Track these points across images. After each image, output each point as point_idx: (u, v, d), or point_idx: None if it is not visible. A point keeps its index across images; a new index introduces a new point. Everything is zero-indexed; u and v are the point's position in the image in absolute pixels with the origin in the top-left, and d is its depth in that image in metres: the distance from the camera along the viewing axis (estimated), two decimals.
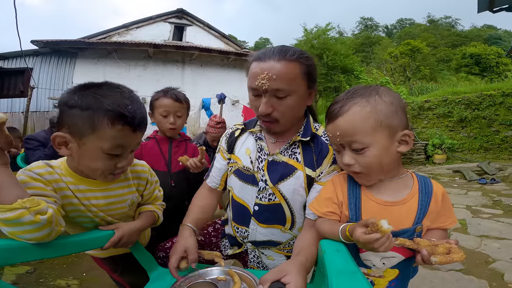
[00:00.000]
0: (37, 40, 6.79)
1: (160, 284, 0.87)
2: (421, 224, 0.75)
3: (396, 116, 0.73)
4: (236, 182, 1.05)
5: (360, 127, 0.71)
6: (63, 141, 0.73)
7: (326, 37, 19.29)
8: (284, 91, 0.87)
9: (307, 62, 0.90)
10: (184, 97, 1.47)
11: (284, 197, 0.97)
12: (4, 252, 0.64)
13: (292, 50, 0.90)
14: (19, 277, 1.98)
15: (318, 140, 1.00)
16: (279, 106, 0.90)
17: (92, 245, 0.84)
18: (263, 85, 0.87)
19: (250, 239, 1.04)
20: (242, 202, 1.04)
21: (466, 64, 23.96)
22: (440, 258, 0.64)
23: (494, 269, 2.04)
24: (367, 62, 31.09)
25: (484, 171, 5.85)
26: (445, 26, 46.50)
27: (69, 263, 2.22)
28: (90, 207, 0.82)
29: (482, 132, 8.36)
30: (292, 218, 0.99)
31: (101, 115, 0.70)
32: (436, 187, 0.78)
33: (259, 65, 0.88)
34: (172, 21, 9.87)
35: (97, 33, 9.05)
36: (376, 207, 0.78)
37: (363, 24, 55.82)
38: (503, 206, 3.70)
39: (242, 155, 1.06)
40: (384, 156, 0.73)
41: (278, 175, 0.97)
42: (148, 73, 7.85)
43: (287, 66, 0.86)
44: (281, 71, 0.85)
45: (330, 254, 0.71)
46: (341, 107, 0.74)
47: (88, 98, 0.71)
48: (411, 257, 0.78)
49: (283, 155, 0.99)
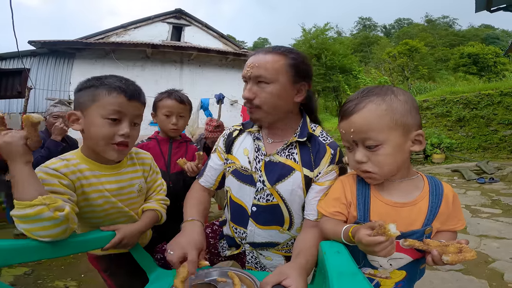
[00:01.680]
0: (34, 40, 6.76)
1: (159, 286, 0.87)
2: (431, 226, 0.74)
3: (410, 115, 0.73)
4: (234, 183, 1.05)
5: (375, 124, 0.71)
6: (75, 118, 0.85)
7: (325, 37, 19.37)
8: (265, 77, 0.92)
9: (293, 56, 0.94)
10: (187, 99, 1.51)
11: (282, 197, 0.97)
12: (4, 252, 0.64)
13: (284, 47, 0.97)
14: (16, 279, 1.97)
15: (315, 140, 1.00)
16: (261, 93, 0.93)
17: (92, 245, 0.86)
18: (247, 72, 0.94)
19: (248, 241, 1.04)
20: (240, 202, 1.04)
21: (464, 64, 24.07)
22: (452, 257, 0.64)
23: (494, 269, 2.04)
24: (366, 62, 31.17)
25: (483, 171, 5.87)
26: (443, 26, 46.70)
27: (67, 264, 2.21)
28: (104, 192, 0.88)
29: (481, 131, 8.39)
30: (290, 219, 0.99)
31: (100, 89, 0.83)
32: (447, 189, 0.77)
33: (250, 58, 0.97)
34: (170, 21, 9.85)
35: (95, 33, 9.02)
36: (385, 207, 0.77)
37: (362, 24, 56.00)
38: (502, 205, 3.70)
39: (240, 155, 1.06)
40: (397, 155, 0.73)
41: (276, 176, 0.97)
42: (146, 74, 7.82)
43: (272, 57, 0.93)
44: (264, 60, 0.92)
45: (330, 256, 0.71)
46: (356, 105, 0.74)
47: (92, 81, 0.86)
48: (419, 259, 0.77)
49: (280, 156, 0.99)
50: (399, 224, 0.75)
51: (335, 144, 1.01)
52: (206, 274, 0.89)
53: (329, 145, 0.99)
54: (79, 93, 0.85)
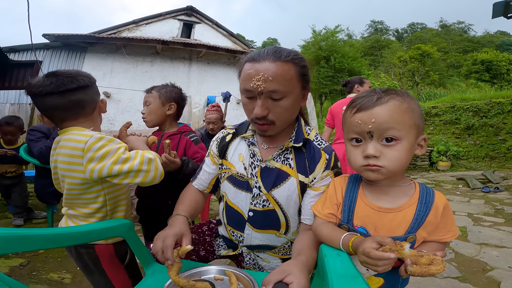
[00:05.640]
0: (48, 33, 6.90)
1: (155, 281, 0.87)
2: (415, 234, 0.73)
3: (422, 118, 0.74)
4: (230, 188, 1.04)
5: (399, 118, 0.70)
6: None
7: (335, 39, 19.21)
8: (280, 92, 0.85)
9: (301, 63, 0.90)
10: (157, 88, 1.49)
11: (278, 203, 0.97)
12: (5, 241, 0.65)
13: (286, 51, 0.89)
14: (11, 270, 1.98)
15: (310, 145, 0.98)
16: (275, 108, 0.88)
17: (100, 235, 0.90)
18: (258, 87, 0.84)
19: (245, 243, 1.05)
20: (236, 208, 1.04)
21: (477, 71, 23.64)
22: (416, 268, 0.62)
23: (491, 277, 2.02)
24: (375, 66, 30.83)
25: (488, 180, 5.78)
26: (457, 31, 45.90)
27: (64, 256, 2.22)
28: None
29: (489, 140, 8.24)
30: (286, 223, 0.99)
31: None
32: (438, 199, 0.75)
33: (253, 66, 0.86)
34: (181, 18, 9.93)
35: (107, 28, 9.15)
36: (368, 211, 0.77)
37: (373, 27, 55.37)
38: (505, 214, 3.65)
39: (235, 161, 1.04)
40: (408, 154, 0.72)
41: (272, 182, 0.96)
42: (154, 70, 7.90)
43: (282, 67, 0.85)
44: (277, 72, 0.83)
45: (331, 258, 0.71)
46: (378, 98, 0.72)
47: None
48: (398, 267, 0.75)
49: (276, 161, 0.98)
50: (380, 229, 0.75)
51: (330, 149, 0.99)
52: (204, 272, 0.89)
53: (324, 150, 0.97)
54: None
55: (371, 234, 0.76)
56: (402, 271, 0.66)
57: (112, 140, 0.94)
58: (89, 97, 1.00)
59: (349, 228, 0.79)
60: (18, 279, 1.88)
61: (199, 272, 0.89)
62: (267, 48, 0.90)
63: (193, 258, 1.11)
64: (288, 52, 0.88)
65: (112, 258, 1.01)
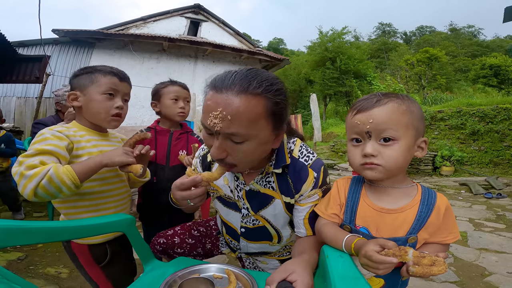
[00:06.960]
0: (58, 29, 6.99)
1: (154, 277, 0.87)
2: (416, 235, 0.74)
3: (422, 121, 0.76)
4: (221, 207, 1.05)
5: (396, 119, 0.73)
6: (75, 97, 1.04)
7: (341, 41, 19.12)
8: (241, 136, 0.70)
9: (275, 98, 0.72)
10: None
11: (267, 220, 0.98)
12: (5, 232, 0.68)
13: (259, 79, 0.71)
14: (9, 264, 1.98)
15: (294, 165, 0.90)
16: (235, 151, 0.74)
17: (101, 230, 0.89)
18: (215, 125, 0.69)
19: (243, 251, 1.09)
20: (229, 224, 1.06)
21: (485, 75, 23.36)
22: (418, 269, 0.62)
23: (488, 282, 2.01)
24: (382, 68, 30.65)
25: (491, 186, 5.73)
26: (467, 35, 45.37)
27: (62, 251, 2.16)
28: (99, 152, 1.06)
29: (494, 146, 8.14)
30: (278, 235, 1.01)
31: (96, 73, 1.04)
32: (440, 201, 0.76)
33: (213, 97, 0.70)
34: (188, 16, 9.97)
35: (115, 24, 9.22)
36: (371, 212, 0.78)
37: (381, 30, 54.97)
38: (506, 220, 3.63)
39: (221, 184, 1.00)
40: (406, 154, 0.74)
41: (258, 204, 0.96)
42: (160, 67, 7.97)
43: (248, 102, 0.68)
44: (238, 109, 0.67)
45: (333, 259, 0.71)
46: (378, 100, 0.75)
47: (87, 69, 1.06)
48: (399, 268, 0.74)
49: (258, 185, 0.94)
50: (382, 229, 0.77)
51: (319, 164, 0.91)
52: (203, 270, 0.89)
53: (312, 167, 0.90)
54: (77, 78, 1.05)
55: (373, 234, 0.77)
56: (404, 271, 0.66)
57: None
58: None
59: (352, 229, 0.80)
60: (15, 272, 1.90)
61: (199, 270, 0.89)
62: (236, 72, 0.73)
63: (199, 250, 1.16)
64: (259, 81, 0.70)
65: (86, 257, 1.02)
